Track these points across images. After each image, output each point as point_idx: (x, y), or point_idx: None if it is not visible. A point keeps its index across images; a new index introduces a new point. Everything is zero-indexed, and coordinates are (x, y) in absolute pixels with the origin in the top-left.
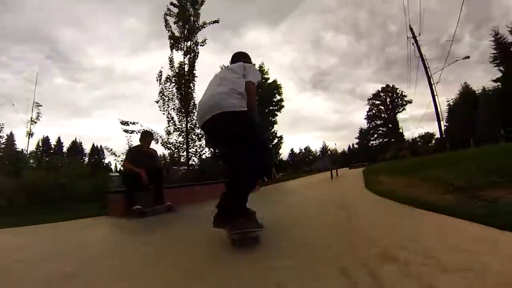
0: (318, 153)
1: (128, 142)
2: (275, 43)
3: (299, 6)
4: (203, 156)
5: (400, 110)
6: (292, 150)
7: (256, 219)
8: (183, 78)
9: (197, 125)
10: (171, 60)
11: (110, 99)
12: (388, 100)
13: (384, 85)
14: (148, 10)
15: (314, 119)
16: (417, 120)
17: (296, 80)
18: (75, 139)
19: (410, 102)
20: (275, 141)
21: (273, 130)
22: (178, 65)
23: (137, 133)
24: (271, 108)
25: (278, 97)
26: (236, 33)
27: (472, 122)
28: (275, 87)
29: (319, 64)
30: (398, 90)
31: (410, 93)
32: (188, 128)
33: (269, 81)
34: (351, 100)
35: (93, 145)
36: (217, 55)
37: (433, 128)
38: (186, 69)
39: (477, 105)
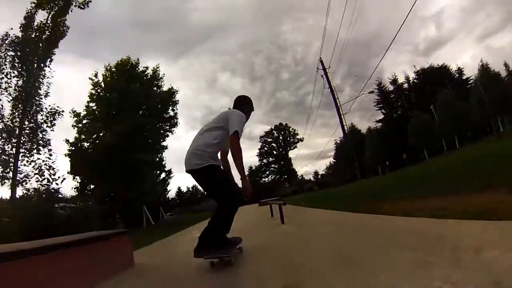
0: (205, 192)
1: None
2: (173, 77)
3: (200, 45)
4: (55, 182)
5: (292, 148)
6: (179, 188)
7: (230, 247)
8: (37, 44)
9: (46, 126)
10: (28, 19)
11: None
12: (280, 138)
13: (277, 123)
14: None
15: None
16: (306, 158)
17: (187, 118)
18: None
19: (301, 140)
20: (163, 175)
21: (162, 157)
22: (37, 26)
23: None
24: (161, 125)
25: (172, 113)
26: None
27: (359, 157)
28: (169, 96)
29: (212, 104)
30: (290, 129)
31: (306, 133)
32: (27, 129)
33: (164, 88)
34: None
35: None
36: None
37: (320, 166)
38: (46, 33)
39: (364, 142)
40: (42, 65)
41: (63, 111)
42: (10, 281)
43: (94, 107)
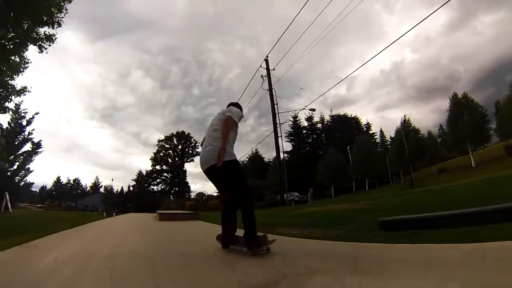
0: (88, 189)
1: None
2: (84, 57)
3: (124, 34)
4: None
5: (189, 160)
6: (58, 178)
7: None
8: None
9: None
10: None
11: None
12: (179, 146)
13: (180, 131)
14: None
15: (92, 152)
16: (198, 176)
17: (87, 105)
18: None
19: (199, 154)
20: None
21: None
22: None
23: None
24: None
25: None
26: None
27: (260, 184)
28: None
29: (116, 98)
30: (192, 139)
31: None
32: None
33: None
34: (134, 143)
35: None
36: None
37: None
38: None
39: (267, 170)
40: None
41: None
42: None
43: None
